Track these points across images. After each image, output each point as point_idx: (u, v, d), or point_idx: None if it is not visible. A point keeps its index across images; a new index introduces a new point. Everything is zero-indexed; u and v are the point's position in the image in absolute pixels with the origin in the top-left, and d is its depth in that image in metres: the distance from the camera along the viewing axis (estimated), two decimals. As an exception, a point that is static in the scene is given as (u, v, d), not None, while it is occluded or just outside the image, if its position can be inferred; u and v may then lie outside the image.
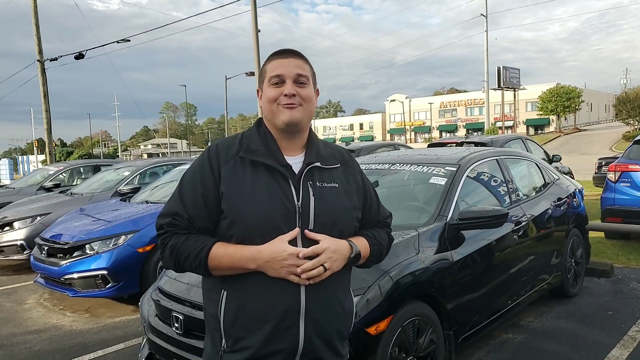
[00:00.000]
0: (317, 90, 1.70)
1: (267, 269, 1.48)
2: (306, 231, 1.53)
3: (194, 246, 1.52)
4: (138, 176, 8.44)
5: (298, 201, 1.54)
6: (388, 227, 1.86)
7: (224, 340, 1.56)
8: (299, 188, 1.56)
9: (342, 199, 1.63)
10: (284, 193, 1.54)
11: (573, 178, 8.29)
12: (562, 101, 57.40)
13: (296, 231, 1.50)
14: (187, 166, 7.26)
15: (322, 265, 1.50)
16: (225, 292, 1.55)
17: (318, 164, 1.61)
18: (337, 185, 1.63)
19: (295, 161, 1.61)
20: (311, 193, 1.56)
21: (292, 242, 1.51)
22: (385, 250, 1.80)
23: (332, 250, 1.53)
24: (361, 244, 1.66)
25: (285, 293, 1.50)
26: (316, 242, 1.53)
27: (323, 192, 1.58)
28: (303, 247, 1.51)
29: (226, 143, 1.63)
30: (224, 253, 1.51)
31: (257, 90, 1.69)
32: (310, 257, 1.50)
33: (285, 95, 1.56)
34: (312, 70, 1.68)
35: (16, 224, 7.48)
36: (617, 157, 8.30)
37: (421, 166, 3.98)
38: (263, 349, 1.51)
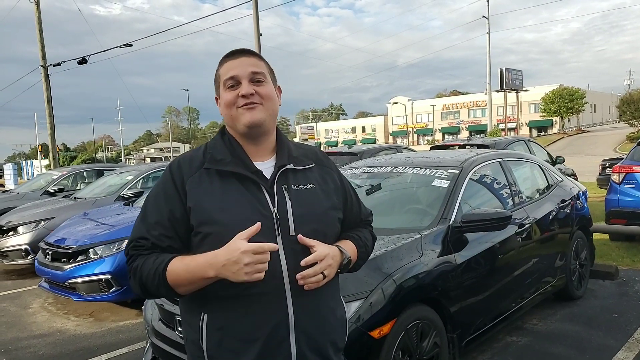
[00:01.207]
0: (279, 87, 1.61)
1: (226, 274, 1.33)
2: (300, 236, 1.43)
3: (152, 264, 1.41)
4: (141, 180, 8.46)
5: (274, 207, 1.44)
6: (370, 225, 1.81)
7: None
8: (273, 193, 1.47)
9: (321, 200, 1.54)
10: (257, 200, 1.44)
11: (577, 180, 8.26)
12: (565, 102, 57.30)
13: (256, 227, 1.36)
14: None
15: (321, 272, 1.42)
16: (205, 314, 1.44)
17: (291, 165, 1.52)
18: (313, 186, 1.54)
19: (266, 166, 1.52)
20: (287, 197, 1.47)
21: (274, 254, 1.38)
22: (371, 250, 1.74)
23: (331, 256, 1.46)
24: (349, 248, 1.58)
25: (272, 307, 1.40)
26: (301, 250, 1.43)
27: (300, 195, 1.49)
28: (286, 255, 1.42)
29: (188, 156, 1.54)
30: (180, 264, 1.38)
31: (216, 99, 1.58)
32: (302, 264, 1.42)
33: (243, 96, 1.47)
34: (269, 67, 1.58)
35: (20, 229, 7.51)
36: (621, 159, 8.27)
37: (424, 169, 3.98)
38: None
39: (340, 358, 1.62)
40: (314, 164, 1.59)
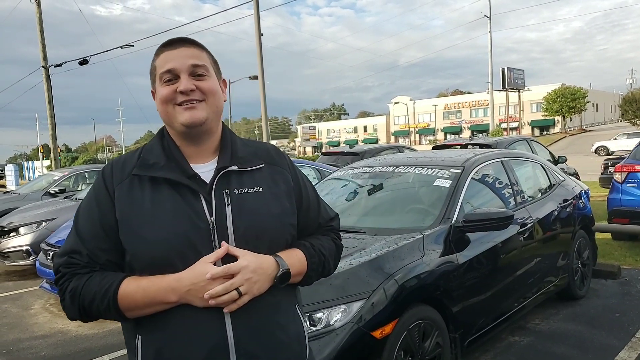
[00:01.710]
0: (224, 80, 1.45)
1: (191, 299, 1.22)
2: (223, 243, 1.27)
3: (98, 286, 1.24)
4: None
5: (211, 216, 1.28)
6: (333, 231, 1.57)
7: None
8: (211, 200, 1.30)
9: (269, 204, 1.36)
10: (192, 209, 1.28)
11: (579, 179, 8.24)
12: (567, 102, 57.24)
13: (223, 249, 1.25)
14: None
15: (236, 289, 1.23)
16: (140, 337, 1.29)
17: (234, 167, 1.35)
18: (261, 189, 1.36)
19: (206, 169, 1.36)
20: (227, 203, 1.31)
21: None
22: (332, 261, 1.51)
23: (252, 269, 1.26)
24: (294, 258, 1.38)
25: (208, 327, 1.25)
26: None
27: (243, 200, 1.32)
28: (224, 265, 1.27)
29: (122, 159, 1.38)
30: (136, 288, 1.24)
31: (152, 92, 1.40)
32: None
33: (181, 92, 1.30)
34: (213, 58, 1.41)
35: (22, 230, 7.51)
36: (624, 158, 8.25)
37: (426, 168, 3.97)
38: None
39: None
40: (263, 164, 1.41)
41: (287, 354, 1.36)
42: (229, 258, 1.26)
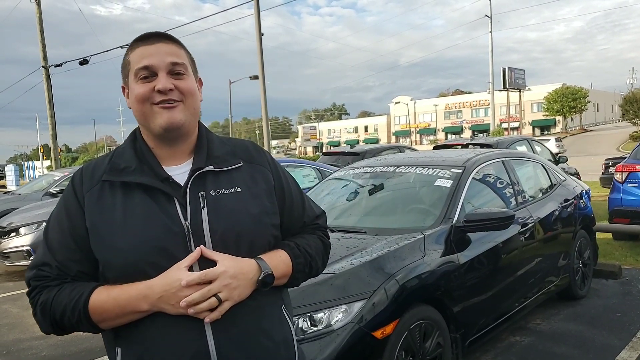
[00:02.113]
0: (200, 79, 1.38)
1: (164, 306, 1.17)
2: (201, 247, 1.21)
3: (68, 297, 1.19)
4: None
5: (186, 220, 1.22)
6: (320, 229, 1.50)
7: None
8: (185, 203, 1.24)
9: (248, 205, 1.29)
10: (165, 214, 1.22)
11: (580, 179, 8.24)
12: (568, 102, 57.29)
13: (197, 252, 1.19)
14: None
15: (214, 295, 1.17)
16: (120, 348, 1.25)
17: (210, 167, 1.29)
18: (239, 189, 1.30)
19: (181, 170, 1.29)
20: (202, 206, 1.24)
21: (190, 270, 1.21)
22: (320, 260, 1.45)
23: (231, 275, 1.20)
24: (278, 259, 1.31)
25: (187, 337, 1.19)
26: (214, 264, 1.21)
27: (219, 202, 1.26)
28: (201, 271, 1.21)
29: (92, 165, 1.31)
30: (107, 297, 1.19)
31: (122, 88, 1.33)
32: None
33: (159, 91, 1.23)
34: (190, 56, 1.35)
35: (22, 230, 7.52)
36: (625, 158, 8.25)
37: (426, 168, 3.96)
38: None
39: None
40: (242, 163, 1.35)
41: None
42: (207, 263, 1.20)
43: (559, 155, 10.67)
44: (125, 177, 1.25)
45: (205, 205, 1.25)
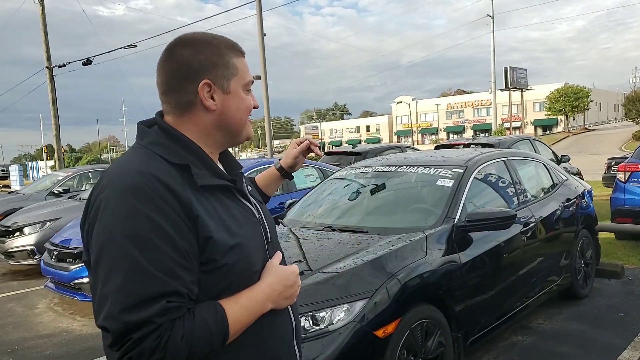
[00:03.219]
0: None
1: (281, 302, 1.25)
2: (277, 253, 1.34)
3: (206, 321, 1.07)
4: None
5: (259, 214, 1.31)
6: None
7: None
8: (249, 200, 1.31)
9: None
10: (248, 211, 1.27)
11: (582, 178, 8.23)
12: (571, 101, 57.05)
13: (279, 254, 1.32)
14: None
15: None
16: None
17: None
18: (251, 188, 1.42)
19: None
20: (256, 202, 1.35)
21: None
22: None
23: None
24: None
25: (287, 322, 1.31)
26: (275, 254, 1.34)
27: (256, 198, 1.39)
28: None
29: (161, 170, 1.12)
30: (240, 309, 1.14)
31: (208, 84, 1.20)
32: None
33: (255, 107, 1.32)
34: None
35: (26, 230, 7.56)
36: (627, 157, 8.24)
37: (428, 168, 3.97)
38: None
39: None
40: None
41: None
42: (272, 252, 1.32)
43: (561, 154, 10.65)
44: (209, 180, 1.19)
45: (256, 200, 1.36)
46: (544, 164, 5.14)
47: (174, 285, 1.03)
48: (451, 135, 76.69)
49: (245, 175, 1.42)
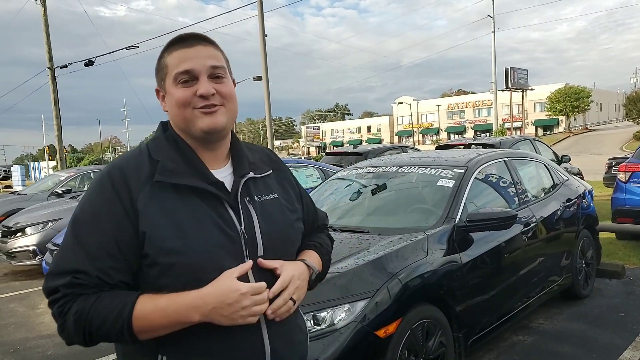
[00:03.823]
0: (234, 80, 1.35)
1: (216, 317, 1.13)
2: (259, 260, 1.23)
3: (109, 307, 1.11)
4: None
5: (240, 225, 1.22)
6: (326, 228, 1.61)
7: None
8: (237, 208, 1.24)
9: (285, 211, 1.34)
10: (221, 218, 1.21)
11: (583, 179, 8.23)
12: (571, 101, 57.02)
13: (249, 264, 1.19)
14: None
15: (290, 299, 1.24)
16: (165, 357, 1.18)
17: (251, 174, 1.30)
18: (276, 195, 1.34)
19: (223, 175, 1.28)
20: (253, 212, 1.26)
21: (243, 277, 1.18)
22: (330, 256, 1.55)
23: (297, 277, 1.27)
24: (314, 259, 1.40)
25: (247, 340, 1.21)
26: (268, 271, 1.24)
27: (264, 208, 1.29)
28: (255, 279, 1.21)
29: (132, 164, 1.21)
30: (153, 308, 1.12)
31: (157, 91, 1.30)
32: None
33: (202, 96, 1.21)
34: (226, 57, 1.32)
35: (28, 230, 7.57)
36: (628, 157, 8.23)
37: (429, 168, 3.98)
38: None
39: None
40: (271, 170, 1.38)
41: (302, 350, 1.39)
42: (260, 271, 1.23)
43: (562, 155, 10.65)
44: (178, 179, 1.19)
45: (255, 210, 1.27)
46: (544, 164, 5.14)
47: (85, 265, 1.13)
48: (452, 136, 76.67)
49: (259, 176, 1.33)
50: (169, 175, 1.19)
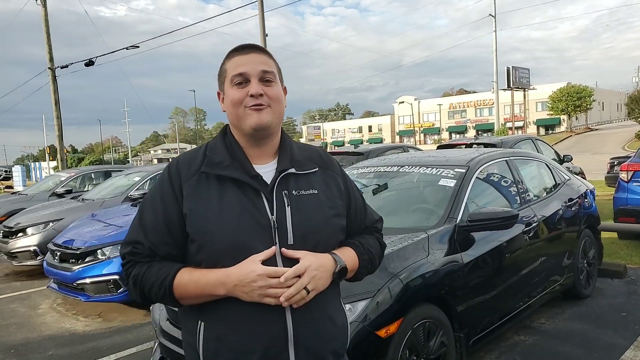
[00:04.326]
0: (285, 88, 1.53)
1: (238, 293, 1.31)
2: (283, 250, 1.36)
3: (156, 275, 1.36)
4: (148, 181, 8.50)
5: (272, 214, 1.37)
6: (378, 232, 1.70)
7: None
8: (272, 199, 1.39)
9: (323, 206, 1.46)
10: (255, 207, 1.37)
11: (585, 178, 8.22)
12: (573, 100, 56.99)
13: (272, 250, 1.34)
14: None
15: (304, 288, 1.34)
16: (203, 323, 1.39)
17: (292, 170, 1.45)
18: (316, 191, 1.46)
19: (267, 169, 1.45)
20: (287, 204, 1.40)
21: (271, 262, 1.34)
22: (377, 259, 1.63)
23: (315, 268, 1.36)
24: (348, 255, 1.49)
25: (269, 320, 1.35)
26: (297, 260, 1.36)
27: (301, 201, 1.42)
28: (284, 265, 1.35)
29: (188, 158, 1.47)
30: (189, 280, 1.34)
31: (218, 93, 1.51)
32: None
33: (251, 95, 1.39)
34: (278, 66, 1.51)
35: (29, 230, 7.57)
36: (630, 157, 8.22)
37: (430, 168, 3.97)
38: None
39: None
40: (317, 168, 1.52)
41: (334, 344, 1.47)
42: (289, 259, 1.36)
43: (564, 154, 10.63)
44: (221, 170, 1.39)
45: (289, 203, 1.41)
46: (546, 164, 5.13)
47: (141, 238, 1.39)
48: (453, 135, 76.66)
49: (301, 172, 1.47)
50: (213, 167, 1.40)
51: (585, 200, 5.16)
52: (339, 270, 1.44)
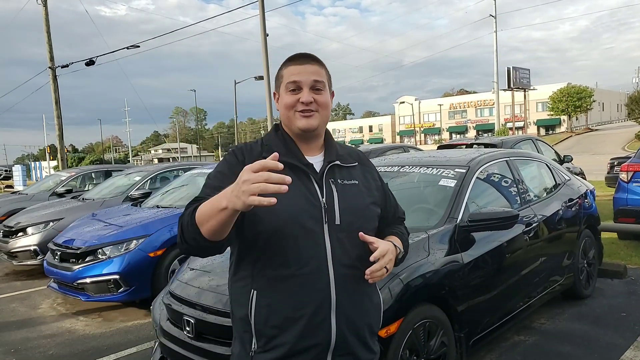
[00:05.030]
0: (332, 92, 1.72)
1: (234, 200, 1.30)
2: (361, 234, 1.55)
3: (188, 210, 1.46)
4: (149, 181, 8.51)
5: (322, 197, 1.57)
6: (403, 222, 1.94)
7: (254, 341, 1.57)
8: (322, 185, 1.59)
9: (364, 195, 1.67)
10: (308, 190, 1.56)
11: (585, 179, 8.22)
12: (573, 101, 56.98)
13: (275, 155, 1.32)
14: (197, 170, 7.33)
15: (385, 267, 1.55)
16: (255, 292, 1.55)
17: (338, 162, 1.66)
18: (357, 182, 1.67)
19: (316, 160, 1.65)
20: (334, 189, 1.60)
21: (320, 240, 1.53)
22: (409, 247, 1.86)
23: (392, 252, 1.59)
24: (397, 242, 1.72)
25: (315, 288, 1.52)
26: (345, 236, 1.55)
27: (345, 188, 1.62)
28: (331, 242, 1.54)
29: (247, 146, 1.66)
30: (204, 204, 1.40)
31: (274, 93, 1.71)
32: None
33: (302, 102, 1.58)
34: (328, 74, 1.69)
35: (29, 230, 7.57)
36: (630, 157, 8.22)
37: (431, 168, 3.98)
38: (296, 346, 1.53)
39: (375, 342, 1.72)
40: (357, 163, 1.73)
41: (370, 318, 1.67)
42: (336, 238, 1.55)
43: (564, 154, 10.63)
44: (280, 157, 1.41)
45: (336, 189, 1.60)
46: (546, 164, 5.13)
47: (204, 194, 1.49)
48: (454, 135, 76.69)
49: (345, 165, 1.67)
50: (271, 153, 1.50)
51: (586, 200, 5.16)
52: (401, 257, 1.71)
